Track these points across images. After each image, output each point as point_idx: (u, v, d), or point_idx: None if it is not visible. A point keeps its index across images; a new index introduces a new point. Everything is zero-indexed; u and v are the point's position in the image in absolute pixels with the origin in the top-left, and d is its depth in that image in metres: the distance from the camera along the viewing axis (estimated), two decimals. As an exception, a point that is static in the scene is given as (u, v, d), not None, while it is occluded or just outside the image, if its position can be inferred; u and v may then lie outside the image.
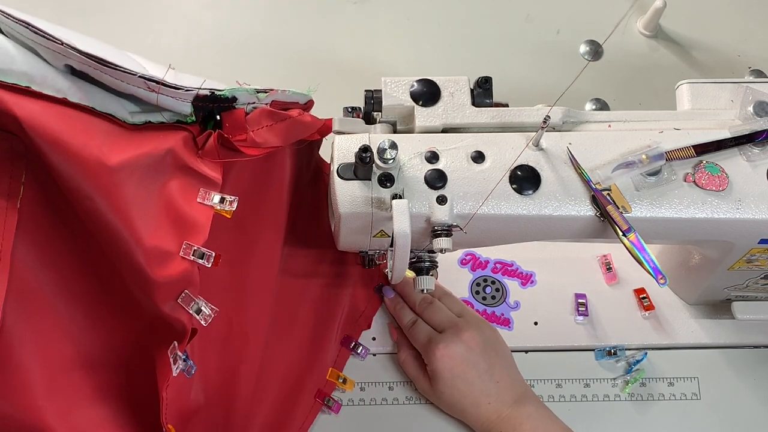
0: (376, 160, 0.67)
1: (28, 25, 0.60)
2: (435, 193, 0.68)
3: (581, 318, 0.86)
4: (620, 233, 0.68)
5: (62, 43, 0.59)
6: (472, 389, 0.77)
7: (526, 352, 0.85)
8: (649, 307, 0.86)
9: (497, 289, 0.89)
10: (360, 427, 0.82)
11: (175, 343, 0.65)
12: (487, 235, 0.72)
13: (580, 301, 0.87)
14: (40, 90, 0.60)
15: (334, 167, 0.69)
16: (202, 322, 0.65)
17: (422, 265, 0.74)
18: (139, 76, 0.61)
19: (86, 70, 0.61)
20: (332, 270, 0.86)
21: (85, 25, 1.02)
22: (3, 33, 0.61)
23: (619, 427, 0.82)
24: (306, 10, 1.06)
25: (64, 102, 0.61)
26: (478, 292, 0.88)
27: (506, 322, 0.87)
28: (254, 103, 0.67)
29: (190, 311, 0.64)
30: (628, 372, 0.84)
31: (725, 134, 0.72)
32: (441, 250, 0.67)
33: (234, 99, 0.66)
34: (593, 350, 0.85)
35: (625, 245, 0.68)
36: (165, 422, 0.66)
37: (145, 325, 0.68)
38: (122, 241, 0.62)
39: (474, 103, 0.73)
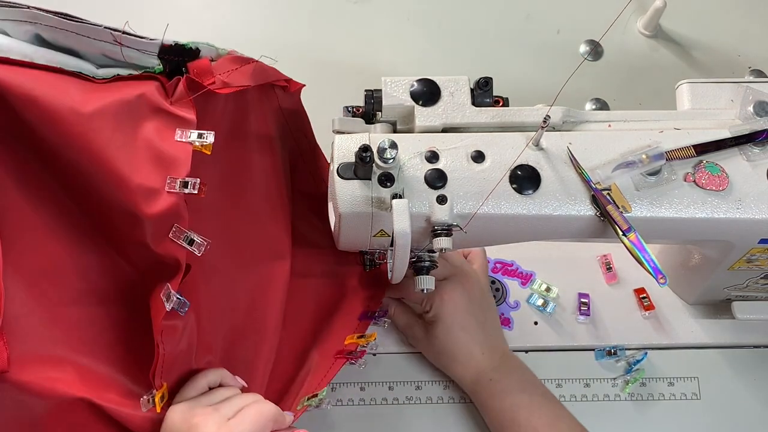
0: (376, 160, 0.67)
1: None
2: (435, 193, 0.68)
3: (583, 317, 0.86)
4: (620, 233, 0.68)
5: (29, 7, 0.63)
6: (468, 338, 0.79)
7: (526, 351, 0.85)
8: (649, 307, 0.86)
9: (497, 289, 0.89)
10: (360, 427, 0.81)
11: (168, 284, 0.65)
12: (487, 235, 0.72)
13: (582, 300, 0.87)
14: (8, 57, 0.63)
15: (334, 167, 0.69)
16: (197, 252, 0.65)
17: (422, 264, 0.74)
18: (105, 27, 0.65)
19: (55, 36, 0.64)
20: (334, 270, 0.86)
21: (85, 25, 1.03)
22: None
23: (619, 427, 0.82)
24: (306, 10, 1.06)
25: (32, 65, 0.63)
26: (478, 292, 0.88)
27: (506, 322, 0.87)
28: (217, 57, 0.70)
29: (183, 243, 0.65)
30: (628, 372, 0.84)
31: (725, 134, 0.72)
32: (441, 250, 0.67)
33: (198, 51, 0.68)
34: (593, 350, 0.85)
35: (625, 245, 0.68)
36: (158, 373, 0.66)
37: (141, 273, 0.70)
38: (107, 185, 0.63)
39: (474, 103, 0.73)
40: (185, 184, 0.64)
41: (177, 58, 0.68)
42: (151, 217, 0.63)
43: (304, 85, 0.75)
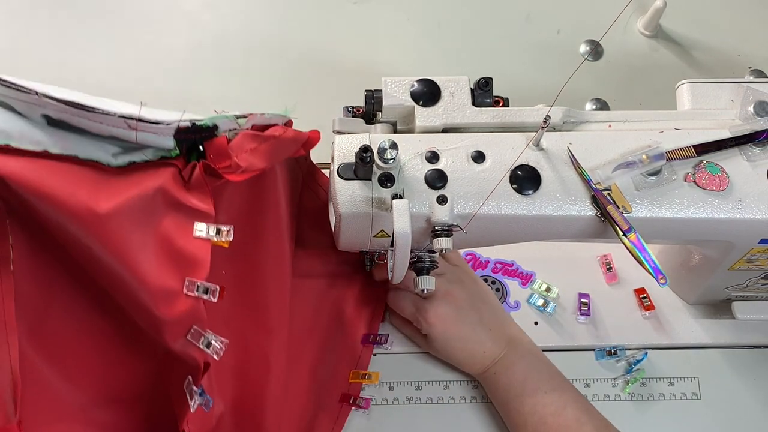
0: (377, 160, 0.67)
1: None
2: (435, 193, 0.68)
3: (583, 318, 0.86)
4: (620, 233, 0.68)
5: (37, 94, 0.58)
6: (466, 344, 0.79)
7: (527, 352, 0.85)
8: (649, 307, 0.86)
9: (497, 289, 0.89)
10: (361, 426, 0.81)
11: (190, 378, 0.65)
12: (487, 235, 0.72)
13: (583, 300, 0.87)
14: (19, 146, 0.59)
15: (334, 167, 0.69)
16: (214, 356, 0.65)
17: (422, 265, 0.74)
18: (119, 116, 0.60)
19: (64, 117, 0.60)
20: (336, 271, 0.86)
21: (85, 26, 1.03)
22: None
23: (619, 427, 0.82)
24: (306, 10, 1.06)
25: (45, 155, 0.60)
26: (478, 292, 0.88)
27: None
28: (235, 129, 0.66)
29: (201, 346, 0.65)
30: (628, 372, 0.84)
31: (725, 134, 0.72)
32: (441, 250, 0.67)
33: (215, 127, 0.65)
34: (593, 350, 0.85)
35: (625, 245, 0.68)
36: None
37: (160, 360, 0.69)
38: (126, 284, 0.62)
39: (474, 103, 0.73)
40: (205, 290, 0.63)
41: (193, 137, 0.64)
42: (170, 319, 0.63)
43: (319, 140, 0.72)
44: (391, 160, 0.66)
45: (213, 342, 0.65)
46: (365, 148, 0.65)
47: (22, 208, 0.60)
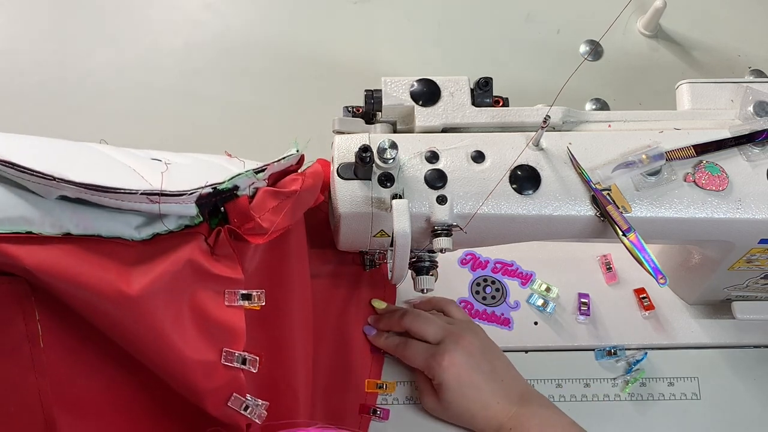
0: (376, 160, 0.67)
1: (12, 165, 0.56)
2: (435, 193, 0.68)
3: (583, 318, 0.86)
4: (620, 233, 0.68)
5: (54, 179, 0.57)
6: (480, 393, 0.77)
7: (526, 352, 0.85)
8: (649, 307, 0.86)
9: (497, 289, 0.89)
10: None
11: None
12: (487, 235, 0.72)
13: (582, 300, 0.87)
14: (41, 232, 0.58)
15: (334, 167, 0.69)
16: (257, 421, 0.66)
17: (422, 264, 0.74)
18: (141, 193, 0.59)
19: (83, 197, 0.59)
20: (337, 271, 0.85)
21: (85, 26, 1.03)
22: None
23: (619, 427, 0.82)
24: (306, 10, 1.06)
25: (67, 239, 0.59)
26: (478, 292, 0.88)
27: (506, 322, 0.87)
28: (254, 183, 0.66)
29: (241, 411, 0.66)
30: (628, 372, 0.84)
31: (725, 134, 0.72)
32: (441, 250, 0.67)
33: (235, 188, 0.64)
34: (593, 350, 0.85)
35: (625, 245, 0.68)
36: None
37: (191, 421, 0.69)
38: (162, 358, 0.62)
39: (474, 103, 0.73)
40: (243, 360, 0.64)
41: (215, 200, 0.64)
42: (209, 389, 0.63)
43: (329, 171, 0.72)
44: (391, 160, 0.66)
45: (252, 406, 0.66)
46: (365, 148, 0.65)
47: (42, 288, 0.60)
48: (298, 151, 0.70)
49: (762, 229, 0.71)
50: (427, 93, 0.72)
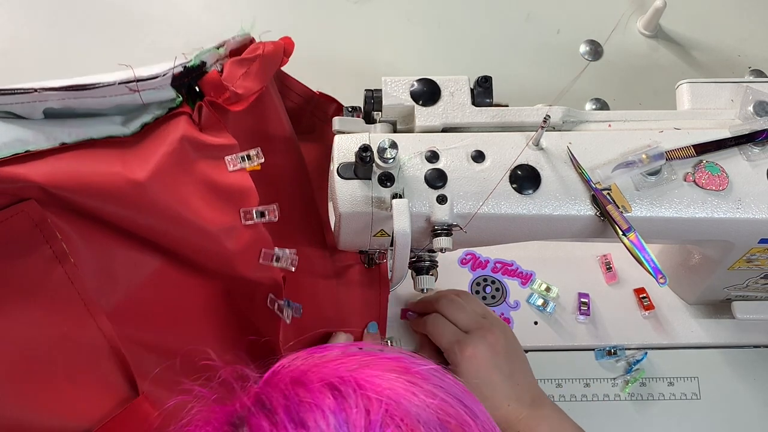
0: (377, 160, 0.67)
1: None
2: (435, 193, 0.68)
3: (583, 317, 0.86)
4: (620, 233, 0.68)
5: (35, 90, 0.60)
6: (494, 393, 0.76)
7: (526, 352, 0.85)
8: (649, 307, 0.86)
9: (497, 289, 0.89)
10: None
11: (271, 295, 0.68)
12: (487, 234, 0.72)
13: (582, 300, 0.87)
14: (38, 148, 0.60)
15: (334, 167, 0.69)
16: (291, 268, 0.69)
17: (422, 264, 0.74)
18: (119, 83, 0.63)
19: (68, 104, 0.62)
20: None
21: (85, 26, 1.03)
22: None
23: (619, 427, 0.82)
24: (306, 10, 1.06)
25: (65, 148, 0.61)
26: (478, 292, 0.88)
27: (506, 322, 0.87)
28: (219, 60, 0.70)
29: (274, 263, 0.68)
30: (628, 372, 0.84)
31: (725, 134, 0.72)
32: (441, 250, 0.67)
33: (203, 64, 0.68)
34: (593, 350, 0.85)
35: (625, 245, 0.68)
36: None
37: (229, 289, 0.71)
38: (187, 238, 0.64)
39: (474, 103, 0.73)
40: (261, 213, 0.66)
41: (187, 79, 0.67)
42: (238, 251, 0.65)
43: (294, 45, 0.75)
44: (391, 160, 0.66)
45: (282, 255, 0.68)
46: (365, 148, 0.65)
47: (55, 204, 0.61)
48: (244, 31, 0.73)
49: (762, 229, 0.71)
50: (427, 93, 0.72)
